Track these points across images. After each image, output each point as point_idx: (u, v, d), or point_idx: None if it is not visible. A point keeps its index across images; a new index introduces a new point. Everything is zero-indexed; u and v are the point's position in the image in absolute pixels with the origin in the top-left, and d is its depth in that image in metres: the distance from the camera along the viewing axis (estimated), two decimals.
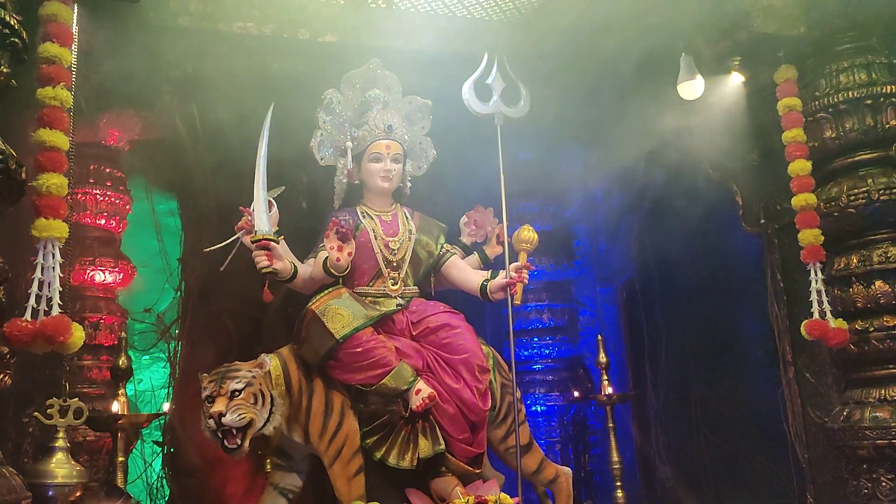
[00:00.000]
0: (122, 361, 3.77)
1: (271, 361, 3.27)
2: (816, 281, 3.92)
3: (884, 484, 3.62)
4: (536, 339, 5.73)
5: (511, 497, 3.28)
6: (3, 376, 2.87)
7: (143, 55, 3.77)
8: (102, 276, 4.57)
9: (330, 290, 3.43)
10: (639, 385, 5.67)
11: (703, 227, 4.82)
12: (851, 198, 3.78)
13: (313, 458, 3.42)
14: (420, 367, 3.40)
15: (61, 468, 3.05)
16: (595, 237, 6.08)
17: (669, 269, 5.48)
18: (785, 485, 4.50)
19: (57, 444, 3.10)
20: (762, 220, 4.59)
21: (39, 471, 3.06)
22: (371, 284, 3.57)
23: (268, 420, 3.15)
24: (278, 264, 3.23)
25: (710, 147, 4.38)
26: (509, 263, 3.43)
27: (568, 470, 3.82)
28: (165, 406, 4.62)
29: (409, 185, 3.82)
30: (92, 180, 4.58)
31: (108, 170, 4.68)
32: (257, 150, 3.19)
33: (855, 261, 3.83)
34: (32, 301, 2.82)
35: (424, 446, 3.28)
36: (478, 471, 3.42)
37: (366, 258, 3.56)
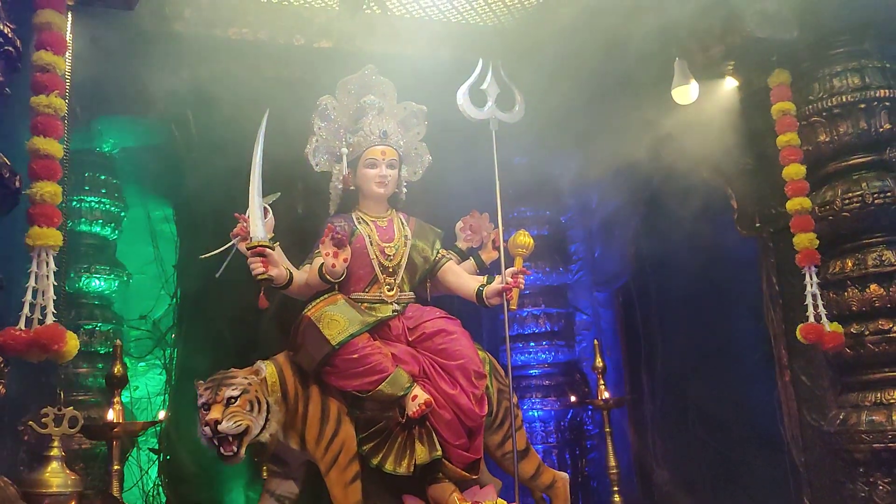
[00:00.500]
0: (117, 369, 3.75)
1: (267, 368, 3.26)
2: (812, 284, 3.92)
3: (880, 487, 3.63)
4: (533, 343, 5.72)
5: (508, 503, 3.28)
6: None
7: (137, 62, 3.78)
8: (98, 283, 4.56)
9: (326, 296, 3.42)
10: (635, 389, 5.65)
11: (699, 231, 4.81)
12: (846, 201, 3.80)
13: (310, 464, 3.41)
14: (416, 372, 3.39)
15: (56, 477, 3.02)
16: (591, 242, 6.07)
17: (665, 273, 5.48)
18: (781, 488, 4.48)
19: (52, 453, 3.07)
20: (757, 224, 4.59)
21: (34, 480, 3.02)
22: (367, 290, 3.57)
23: (264, 427, 3.14)
24: (274, 271, 3.22)
25: (705, 151, 4.38)
26: (505, 268, 3.44)
27: (565, 475, 3.81)
28: (161, 413, 4.60)
29: (404, 190, 3.81)
30: (87, 187, 4.57)
31: (102, 177, 4.68)
32: (252, 157, 3.19)
33: (850, 264, 3.84)
34: (27, 310, 2.81)
35: (421, 452, 3.27)
36: (475, 477, 3.40)
37: (361, 264, 3.55)
